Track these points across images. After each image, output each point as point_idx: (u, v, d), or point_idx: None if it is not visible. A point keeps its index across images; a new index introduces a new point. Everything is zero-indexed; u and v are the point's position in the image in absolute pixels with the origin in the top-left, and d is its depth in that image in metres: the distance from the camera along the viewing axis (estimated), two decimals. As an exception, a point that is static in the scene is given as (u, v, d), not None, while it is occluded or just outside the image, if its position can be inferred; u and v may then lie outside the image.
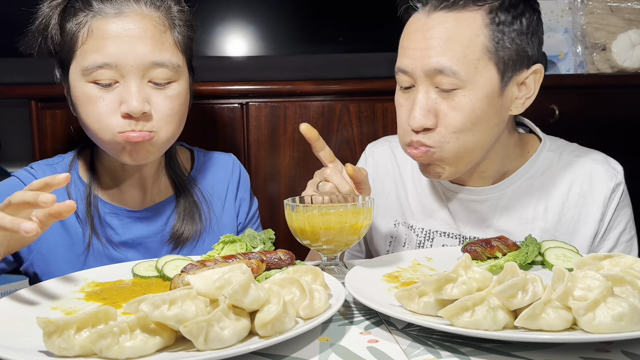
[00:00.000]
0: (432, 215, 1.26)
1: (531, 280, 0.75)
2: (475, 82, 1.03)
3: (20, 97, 1.59)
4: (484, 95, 1.04)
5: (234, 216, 1.32)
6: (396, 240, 1.31)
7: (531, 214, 1.18)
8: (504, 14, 1.03)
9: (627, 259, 0.83)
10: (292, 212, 1.00)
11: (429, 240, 1.25)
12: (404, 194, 1.31)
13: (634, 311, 0.68)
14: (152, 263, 1.03)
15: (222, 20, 1.94)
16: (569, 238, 1.16)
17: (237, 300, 0.70)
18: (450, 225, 1.23)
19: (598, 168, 1.18)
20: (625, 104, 1.84)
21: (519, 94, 1.09)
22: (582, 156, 1.20)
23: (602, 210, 1.16)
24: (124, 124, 1.05)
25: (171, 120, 1.10)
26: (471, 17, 1.03)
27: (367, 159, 1.39)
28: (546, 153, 1.20)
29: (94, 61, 1.04)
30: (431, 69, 1.03)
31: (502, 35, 1.03)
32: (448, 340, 0.76)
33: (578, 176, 1.18)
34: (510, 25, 1.04)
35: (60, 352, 0.67)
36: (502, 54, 1.04)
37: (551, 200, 1.18)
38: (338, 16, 2.03)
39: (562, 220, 1.18)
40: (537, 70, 1.08)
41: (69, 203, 0.82)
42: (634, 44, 1.85)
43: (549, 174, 1.19)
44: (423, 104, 1.05)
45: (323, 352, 0.73)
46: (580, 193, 1.17)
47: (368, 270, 0.99)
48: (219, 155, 1.36)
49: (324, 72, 1.71)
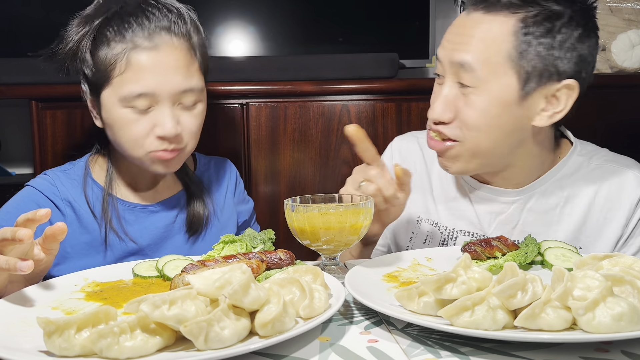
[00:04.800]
0: (457, 215, 1.26)
1: (531, 280, 0.75)
2: (490, 84, 1.05)
3: (21, 97, 1.59)
4: (497, 100, 1.05)
5: (234, 217, 1.37)
6: (417, 236, 1.30)
7: (557, 216, 1.18)
8: (535, 26, 1.04)
9: (627, 258, 0.83)
10: (292, 212, 1.00)
11: (452, 239, 1.25)
12: (429, 190, 1.30)
13: (633, 311, 0.68)
14: (152, 263, 1.03)
15: (222, 20, 1.94)
16: (592, 241, 1.16)
17: (237, 300, 0.70)
18: (475, 225, 1.23)
19: (628, 173, 1.17)
20: (625, 104, 1.84)
21: (548, 106, 1.08)
22: (612, 161, 1.20)
23: (627, 215, 1.15)
24: (158, 144, 1.14)
25: (197, 135, 1.20)
26: (504, 22, 1.05)
27: (393, 152, 1.39)
28: (576, 157, 1.20)
29: (132, 91, 1.10)
30: (455, 61, 1.07)
31: (528, 46, 1.04)
32: (448, 340, 0.76)
33: (606, 180, 1.18)
34: (539, 37, 1.04)
35: (60, 352, 0.67)
36: (524, 63, 1.04)
37: (578, 203, 1.18)
38: (338, 16, 2.03)
39: (587, 223, 1.17)
40: (569, 86, 1.07)
41: (60, 225, 0.86)
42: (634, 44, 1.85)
43: (577, 177, 1.19)
44: (444, 97, 1.09)
45: (323, 351, 0.73)
46: (607, 197, 1.17)
47: (368, 270, 0.99)
48: (217, 160, 1.42)
49: (324, 72, 1.71)
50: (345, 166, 1.72)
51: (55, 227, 0.85)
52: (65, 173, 1.25)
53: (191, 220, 1.28)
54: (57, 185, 1.22)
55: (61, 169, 1.27)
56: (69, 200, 1.22)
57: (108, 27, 1.12)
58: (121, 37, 1.11)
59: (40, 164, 1.59)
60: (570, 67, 1.06)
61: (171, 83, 1.12)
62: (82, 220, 1.22)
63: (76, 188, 1.23)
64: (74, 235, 1.21)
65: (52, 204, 1.21)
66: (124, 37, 1.11)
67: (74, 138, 1.61)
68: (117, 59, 1.11)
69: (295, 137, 1.70)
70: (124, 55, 1.10)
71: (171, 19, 1.14)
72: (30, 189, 1.22)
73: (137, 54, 1.10)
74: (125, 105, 1.12)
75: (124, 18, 1.11)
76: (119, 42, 1.11)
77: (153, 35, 1.11)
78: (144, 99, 1.11)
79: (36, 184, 1.22)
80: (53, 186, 1.22)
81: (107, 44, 1.11)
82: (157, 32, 1.12)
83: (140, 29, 1.11)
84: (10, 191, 1.23)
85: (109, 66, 1.11)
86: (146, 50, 1.11)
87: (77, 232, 1.21)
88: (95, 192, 1.24)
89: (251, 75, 1.69)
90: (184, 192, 1.30)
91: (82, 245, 1.22)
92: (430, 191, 1.30)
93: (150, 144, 1.13)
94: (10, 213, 1.17)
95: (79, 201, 1.22)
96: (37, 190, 1.21)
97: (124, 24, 1.11)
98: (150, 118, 1.12)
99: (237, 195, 1.40)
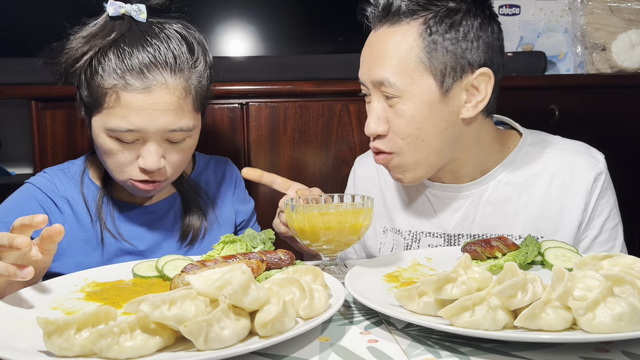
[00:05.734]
0: (417, 217, 1.28)
1: (531, 280, 0.75)
2: (412, 91, 1.08)
3: (21, 97, 1.59)
4: (422, 103, 1.09)
5: (233, 217, 1.38)
6: (385, 245, 1.34)
7: (513, 207, 1.20)
8: (436, 25, 1.07)
9: (627, 258, 0.83)
10: (292, 212, 1.00)
11: (415, 241, 1.27)
12: (390, 199, 1.33)
13: (633, 311, 0.68)
14: (152, 263, 1.03)
15: (222, 20, 1.94)
16: (553, 229, 1.18)
17: (237, 300, 0.70)
18: (435, 224, 1.25)
19: (578, 159, 1.20)
20: (624, 104, 1.84)
21: (470, 97, 1.11)
22: (563, 149, 1.22)
23: (584, 200, 1.18)
24: (138, 174, 1.14)
25: (181, 168, 1.20)
26: (407, 30, 1.08)
27: (355, 173, 1.44)
28: (527, 147, 1.23)
29: (119, 126, 1.09)
30: (375, 80, 1.11)
31: (435, 45, 1.07)
32: (448, 340, 0.76)
33: (559, 168, 1.20)
34: (443, 34, 1.07)
35: (60, 352, 0.67)
36: (436, 63, 1.07)
37: (533, 193, 1.20)
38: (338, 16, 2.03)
39: (544, 212, 1.19)
40: (484, 73, 1.10)
41: (57, 227, 0.85)
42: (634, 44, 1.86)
43: (530, 168, 1.21)
44: (375, 113, 1.13)
45: (323, 352, 0.73)
46: (562, 184, 1.19)
47: (368, 270, 0.99)
48: (217, 159, 1.42)
49: (324, 72, 1.71)
50: (345, 166, 1.72)
51: (52, 228, 0.85)
52: (64, 171, 1.26)
53: (185, 230, 1.28)
54: (56, 183, 1.23)
55: (60, 167, 1.28)
56: (67, 198, 1.22)
57: (105, 57, 1.09)
58: (115, 72, 1.08)
59: (40, 164, 1.59)
60: (480, 55, 1.09)
61: (160, 124, 1.10)
62: (79, 218, 1.23)
63: (74, 186, 1.24)
64: (71, 232, 1.21)
65: (51, 201, 1.21)
66: (117, 73, 1.08)
67: (73, 138, 1.61)
68: (107, 92, 1.09)
69: (295, 137, 1.70)
70: (115, 91, 1.08)
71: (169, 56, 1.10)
72: (29, 186, 1.23)
73: (127, 94, 1.08)
74: (111, 136, 1.11)
75: (123, 49, 1.09)
76: (112, 75, 1.08)
77: (147, 75, 1.08)
78: (131, 134, 1.10)
79: (35, 182, 1.23)
80: (52, 184, 1.23)
81: (101, 74, 1.09)
82: (152, 70, 1.09)
83: (136, 66, 1.08)
84: (10, 191, 1.24)
85: (100, 96, 1.10)
86: (137, 91, 1.08)
87: (74, 230, 1.22)
88: (91, 191, 1.25)
89: (251, 75, 1.69)
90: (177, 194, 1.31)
91: (79, 243, 1.22)
92: (392, 200, 1.33)
93: (131, 172, 1.13)
94: (10, 209, 1.18)
95: (76, 199, 1.23)
96: (37, 188, 1.22)
97: (121, 56, 1.08)
98: (135, 149, 1.12)
99: (236, 195, 1.40)
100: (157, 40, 1.10)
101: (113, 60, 1.08)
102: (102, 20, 1.13)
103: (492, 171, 1.21)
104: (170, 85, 1.10)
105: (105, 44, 1.09)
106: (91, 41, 1.10)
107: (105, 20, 1.13)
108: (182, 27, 1.16)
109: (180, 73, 1.12)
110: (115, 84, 1.08)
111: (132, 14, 1.12)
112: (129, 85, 1.08)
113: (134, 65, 1.08)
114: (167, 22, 1.15)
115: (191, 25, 1.19)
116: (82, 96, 1.14)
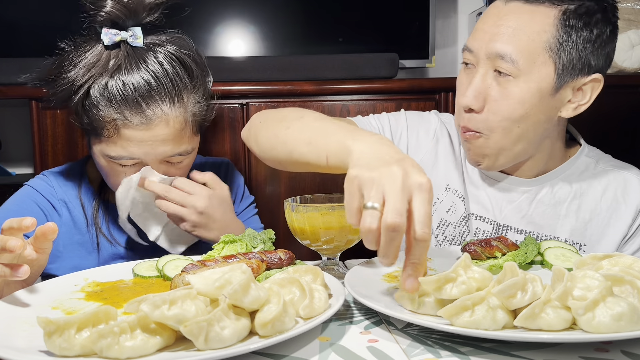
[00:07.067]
0: (471, 198, 1.27)
1: (530, 280, 0.75)
2: (530, 74, 1.07)
3: (20, 97, 1.59)
4: (536, 90, 1.07)
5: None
6: (442, 202, 1.27)
7: (564, 210, 1.21)
8: (576, 18, 1.06)
9: (627, 258, 0.83)
10: (292, 212, 1.00)
11: (465, 219, 1.26)
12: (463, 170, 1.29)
13: (633, 311, 0.68)
14: (152, 263, 1.03)
15: (222, 20, 1.94)
16: (596, 239, 1.20)
17: (237, 300, 0.70)
18: (488, 210, 1.25)
19: (632, 178, 1.23)
20: (624, 104, 1.84)
21: (574, 98, 1.11)
22: (617, 166, 1.25)
23: (633, 217, 1.20)
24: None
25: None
26: (545, 12, 1.07)
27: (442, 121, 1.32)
28: (584, 158, 1.25)
29: (118, 154, 1.11)
30: (493, 52, 1.07)
31: (568, 37, 1.06)
32: (448, 340, 0.76)
33: (612, 182, 1.22)
34: (579, 30, 1.06)
35: (60, 352, 0.67)
36: (563, 55, 1.06)
37: (585, 201, 1.21)
38: (338, 16, 2.03)
39: (592, 221, 1.21)
40: (596, 79, 1.10)
41: (50, 225, 0.85)
42: (634, 44, 1.85)
43: (585, 177, 1.23)
44: (477, 86, 1.10)
45: (323, 351, 0.73)
46: (614, 198, 1.21)
47: (368, 270, 0.99)
48: (213, 161, 1.43)
49: (324, 72, 1.71)
50: (345, 166, 1.71)
51: (45, 226, 0.85)
52: (62, 174, 1.27)
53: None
54: (54, 186, 1.24)
55: (59, 169, 1.29)
56: (65, 201, 1.23)
57: (103, 89, 1.09)
58: (113, 106, 1.08)
59: (40, 164, 1.59)
60: (600, 62, 1.10)
61: (159, 153, 1.13)
62: (76, 221, 1.23)
63: (72, 190, 1.25)
64: (68, 235, 1.22)
65: (49, 204, 1.22)
66: (116, 109, 1.08)
67: (74, 138, 1.61)
68: (106, 125, 1.09)
69: (295, 137, 1.69)
70: (114, 124, 1.09)
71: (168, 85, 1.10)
72: (28, 188, 1.23)
73: (127, 129, 1.09)
74: (110, 161, 1.13)
75: (122, 80, 1.08)
76: (111, 109, 1.09)
77: (146, 110, 1.09)
78: (131, 160, 1.13)
79: (34, 184, 1.24)
80: (50, 187, 1.24)
81: (100, 106, 1.09)
82: (150, 103, 1.09)
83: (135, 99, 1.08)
84: (10, 191, 1.24)
85: (99, 127, 1.10)
86: (137, 126, 1.09)
87: (71, 232, 1.23)
88: (88, 196, 1.26)
89: (251, 75, 1.69)
90: None
91: (75, 246, 1.23)
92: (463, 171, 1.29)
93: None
94: (10, 211, 1.18)
95: (74, 203, 1.24)
96: (36, 191, 1.23)
97: (119, 88, 1.08)
98: (134, 168, 1.14)
99: (234, 194, 1.39)
100: (155, 68, 1.10)
101: (111, 92, 1.08)
102: (98, 49, 1.11)
103: (551, 172, 1.22)
104: (170, 118, 1.11)
105: (103, 74, 1.09)
106: (88, 72, 1.09)
107: (101, 49, 1.11)
108: (177, 48, 1.14)
109: (180, 102, 1.12)
110: (114, 119, 1.09)
111: (128, 40, 1.11)
112: (129, 121, 1.08)
113: (132, 98, 1.08)
114: (163, 43, 1.14)
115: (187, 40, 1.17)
116: (81, 122, 1.14)
